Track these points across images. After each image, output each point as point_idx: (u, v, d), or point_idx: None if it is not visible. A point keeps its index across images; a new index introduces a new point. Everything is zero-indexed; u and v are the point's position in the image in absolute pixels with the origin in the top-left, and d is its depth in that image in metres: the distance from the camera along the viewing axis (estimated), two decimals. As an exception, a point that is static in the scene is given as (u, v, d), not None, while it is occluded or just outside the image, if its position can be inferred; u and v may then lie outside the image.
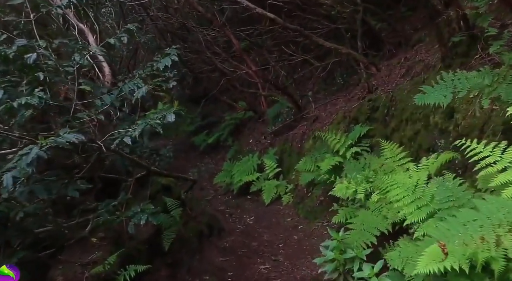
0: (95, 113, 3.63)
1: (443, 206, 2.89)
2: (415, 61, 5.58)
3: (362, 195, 4.15)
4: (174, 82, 4.70)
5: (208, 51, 9.16)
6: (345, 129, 6.02)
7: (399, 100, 5.06)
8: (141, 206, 3.47)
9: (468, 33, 4.39)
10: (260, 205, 7.21)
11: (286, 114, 8.36)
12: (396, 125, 5.00)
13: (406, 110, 4.83)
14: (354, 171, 4.78)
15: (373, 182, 4.33)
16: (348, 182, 4.45)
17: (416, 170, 3.90)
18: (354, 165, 5.01)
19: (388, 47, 6.86)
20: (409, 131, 4.70)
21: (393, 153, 4.53)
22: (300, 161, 6.21)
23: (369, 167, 4.73)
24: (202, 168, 6.11)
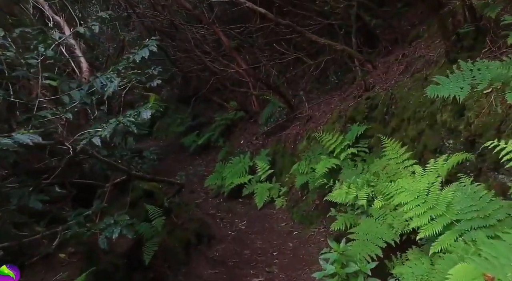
0: (62, 111, 3.07)
1: (464, 217, 2.41)
2: (414, 57, 5.14)
3: (364, 201, 3.67)
4: (158, 80, 4.19)
5: (198, 49, 8.62)
6: (341, 129, 5.55)
7: (399, 98, 4.59)
8: (115, 217, 2.93)
9: (475, 24, 3.94)
10: (253, 208, 6.70)
11: (279, 114, 7.87)
12: (397, 124, 4.54)
13: (407, 109, 4.37)
14: (353, 175, 4.30)
15: (375, 187, 3.86)
16: (347, 186, 3.96)
17: (423, 173, 3.43)
18: (353, 168, 4.53)
19: (384, 44, 6.41)
20: (411, 131, 4.23)
21: (396, 154, 4.06)
22: (294, 165, 5.70)
23: (369, 170, 4.25)
24: (190, 171, 5.58)
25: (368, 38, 6.61)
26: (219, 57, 8.70)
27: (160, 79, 4.25)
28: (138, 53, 3.22)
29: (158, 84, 4.23)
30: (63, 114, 3.12)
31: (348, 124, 5.41)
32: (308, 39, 8.17)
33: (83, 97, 3.08)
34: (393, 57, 5.79)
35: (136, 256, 3.57)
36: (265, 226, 5.95)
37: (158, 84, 4.16)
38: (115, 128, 2.74)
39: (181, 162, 10.63)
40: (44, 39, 3.13)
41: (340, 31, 6.67)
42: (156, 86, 4.12)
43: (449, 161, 3.19)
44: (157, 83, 4.20)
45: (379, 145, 4.83)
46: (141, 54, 3.19)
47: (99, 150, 3.84)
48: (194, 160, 10.44)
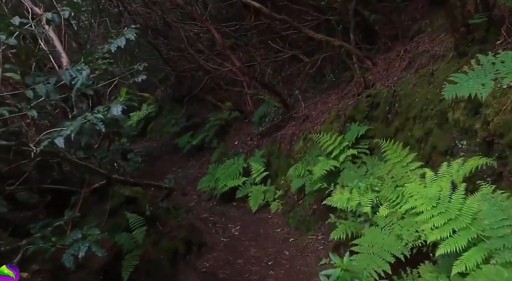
0: (26, 108, 2.60)
1: (494, 234, 1.97)
2: (417, 53, 4.71)
3: (368, 208, 3.22)
4: (143, 75, 3.73)
5: (191, 48, 8.14)
6: (339, 129, 5.10)
7: (403, 96, 4.16)
8: (84, 230, 2.46)
9: (488, 14, 3.52)
10: (247, 212, 6.24)
11: (274, 113, 7.41)
12: (401, 123, 4.10)
13: (413, 107, 3.94)
14: (354, 178, 3.86)
15: (379, 192, 3.41)
16: (349, 191, 3.51)
17: (435, 178, 2.99)
18: (354, 171, 4.09)
19: (383, 40, 5.98)
20: (418, 131, 3.79)
21: (399, 157, 3.63)
22: (290, 169, 5.24)
23: (372, 173, 3.81)
24: (180, 174, 5.11)
25: (367, 34, 6.18)
26: (213, 56, 8.24)
27: (146, 75, 3.81)
28: (114, 42, 2.73)
29: (152, 82, 3.74)
30: (28, 111, 2.64)
31: (347, 124, 4.97)
32: (304, 37, 7.76)
33: (50, 91, 2.60)
34: (393, 53, 5.37)
35: (115, 271, 3.10)
36: (259, 232, 5.49)
37: (153, 84, 3.75)
38: (82, 126, 2.27)
39: (175, 163, 10.15)
40: (5, 26, 2.65)
41: (337, 27, 6.24)
42: (150, 86, 3.70)
43: (466, 165, 2.75)
44: (142, 78, 3.75)
45: (381, 146, 4.41)
46: (116, 43, 2.72)
47: (75, 151, 3.37)
48: (188, 161, 9.96)
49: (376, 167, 3.86)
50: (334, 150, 4.68)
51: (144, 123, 12.37)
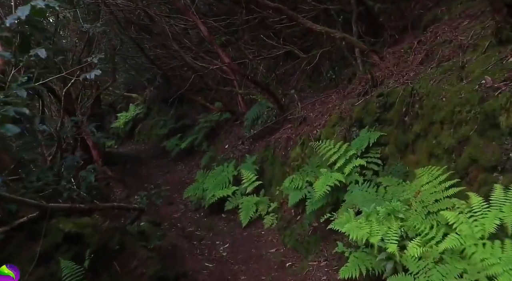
0: None
1: None
2: (436, 44, 3.80)
3: (395, 248, 2.28)
4: (98, 71, 2.77)
5: (177, 44, 7.15)
6: (344, 134, 4.18)
7: (425, 94, 3.24)
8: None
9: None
10: (237, 226, 5.31)
11: (267, 115, 6.46)
12: (423, 129, 3.18)
13: (439, 108, 3.02)
14: (368, 199, 2.94)
15: (406, 221, 2.49)
16: (365, 219, 2.59)
17: (485, 206, 2.08)
18: (366, 190, 3.17)
19: (390, 32, 5.06)
20: (447, 138, 2.88)
21: (428, 173, 2.72)
22: (286, 180, 4.31)
23: (392, 193, 2.88)
24: (153, 192, 4.07)
25: (371, 26, 5.26)
26: (201, 53, 7.26)
27: (101, 70, 2.86)
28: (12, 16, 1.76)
29: (141, 83, 2.79)
30: None
31: (353, 128, 4.05)
32: (300, 31, 6.83)
33: None
34: (403, 46, 4.45)
35: None
36: (251, 252, 4.55)
37: (142, 84, 2.85)
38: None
39: (163, 167, 9.18)
40: None
41: (338, 19, 5.32)
42: (138, 86, 2.74)
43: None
44: (96, 74, 2.79)
45: (396, 155, 3.49)
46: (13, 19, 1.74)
47: None
48: (176, 165, 8.99)
49: (396, 186, 2.94)
50: (339, 160, 3.75)
51: (131, 124, 11.37)
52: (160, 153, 9.86)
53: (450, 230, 2.26)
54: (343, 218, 3.02)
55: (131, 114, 11.34)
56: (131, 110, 11.44)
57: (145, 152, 10.54)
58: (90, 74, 2.68)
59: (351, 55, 5.38)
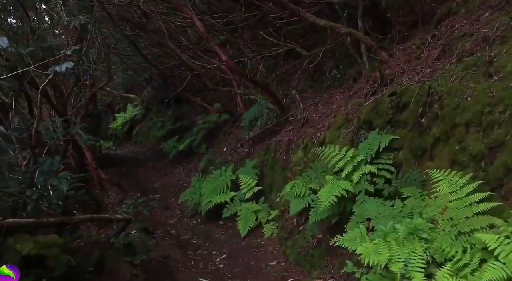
0: None
1: None
2: (454, 38, 3.36)
3: (421, 276, 1.84)
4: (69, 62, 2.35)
5: (173, 42, 6.72)
6: (350, 137, 3.75)
7: (446, 93, 2.81)
8: None
9: None
10: (235, 235, 4.87)
11: (267, 116, 6.03)
12: (443, 132, 2.75)
13: (464, 108, 2.59)
14: (384, 215, 2.50)
15: (431, 242, 2.05)
16: (382, 238, 2.15)
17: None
18: (382, 203, 2.73)
19: (398, 28, 4.63)
20: (475, 143, 2.44)
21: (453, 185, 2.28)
22: (287, 186, 3.87)
23: (410, 207, 2.44)
24: (140, 201, 3.60)
25: (377, 22, 4.83)
26: (198, 51, 6.83)
27: (73, 62, 2.44)
28: None
29: (139, 83, 2.34)
30: None
31: (361, 131, 3.62)
32: (300, 29, 6.41)
33: None
34: (416, 41, 4.01)
35: None
36: (250, 265, 4.12)
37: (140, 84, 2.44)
38: None
39: (160, 170, 8.75)
40: None
41: (343, 14, 4.88)
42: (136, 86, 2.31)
43: None
44: (67, 66, 2.36)
45: (411, 162, 3.05)
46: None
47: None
48: (174, 168, 8.56)
49: (416, 199, 2.50)
50: (346, 166, 3.32)
51: (129, 125, 10.94)
52: (158, 155, 9.44)
53: (488, 255, 1.82)
54: (353, 234, 2.59)
55: (129, 115, 10.92)
56: (129, 111, 11.01)
57: (143, 154, 10.11)
58: (61, 67, 2.26)
59: (357, 53, 4.95)
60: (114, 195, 7.41)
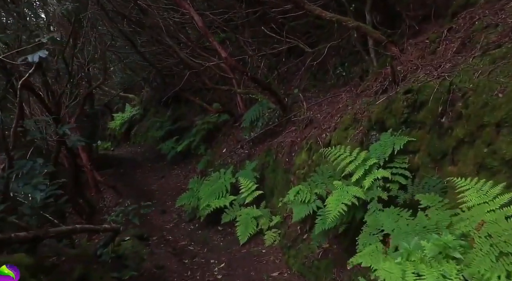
0: None
1: None
2: (476, 29, 3.02)
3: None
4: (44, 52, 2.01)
5: (171, 39, 6.39)
6: (360, 138, 3.40)
7: (471, 89, 2.46)
8: None
9: None
10: (235, 242, 4.53)
11: (268, 116, 5.69)
12: (468, 133, 2.40)
13: (493, 106, 2.24)
14: (403, 229, 2.15)
15: (468, 265, 1.70)
16: (407, 258, 1.80)
17: None
18: (398, 214, 2.38)
19: (408, 23, 4.29)
20: (509, 146, 2.10)
21: (483, 195, 1.94)
22: (290, 191, 3.53)
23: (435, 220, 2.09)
24: (130, 208, 3.20)
25: (386, 16, 4.50)
26: (196, 49, 6.49)
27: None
28: None
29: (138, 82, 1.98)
30: None
31: (373, 132, 3.27)
32: (303, 25, 6.07)
33: None
34: (430, 35, 3.67)
35: None
36: (250, 276, 3.77)
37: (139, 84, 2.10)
38: None
39: (158, 171, 8.40)
40: None
41: (349, 7, 4.54)
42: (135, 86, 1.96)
43: None
44: (41, 56, 2.02)
45: (430, 166, 2.71)
46: None
47: None
48: (172, 169, 8.22)
49: (440, 209, 2.15)
50: (357, 170, 2.97)
51: (127, 126, 10.58)
52: (156, 156, 9.09)
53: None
54: (368, 249, 2.25)
55: (127, 115, 10.58)
56: (127, 111, 10.67)
57: (141, 155, 9.77)
58: (33, 56, 1.93)
59: (363, 49, 4.61)
60: (110, 198, 7.07)
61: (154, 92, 10.26)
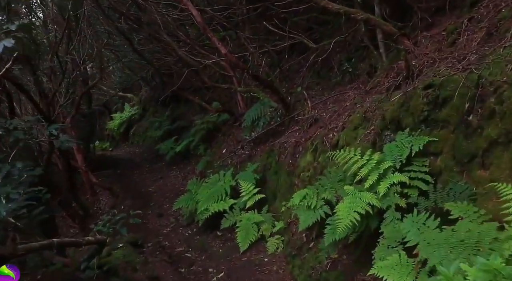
0: None
1: None
2: (503, 18, 2.67)
3: None
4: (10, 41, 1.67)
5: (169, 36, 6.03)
6: (372, 139, 3.05)
7: (504, 83, 2.11)
8: None
9: None
10: (235, 249, 4.17)
11: (270, 115, 5.33)
12: (501, 132, 2.06)
13: (536, 102, 1.88)
14: (435, 242, 1.80)
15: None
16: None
17: None
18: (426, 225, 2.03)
19: (420, 15, 3.94)
20: (557, 149, 1.74)
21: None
22: (295, 196, 3.18)
23: (477, 235, 1.73)
24: (117, 218, 2.80)
25: (396, 8, 4.13)
26: (195, 46, 6.13)
27: None
28: None
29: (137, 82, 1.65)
30: None
31: (387, 132, 2.92)
32: (306, 20, 5.73)
33: None
34: (447, 26, 3.32)
35: None
36: (251, 287, 3.42)
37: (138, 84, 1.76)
38: None
39: (156, 172, 8.05)
40: None
41: (357, 0, 4.18)
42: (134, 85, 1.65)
43: None
44: (5, 45, 1.68)
45: (455, 170, 2.36)
46: None
47: None
48: (170, 170, 7.86)
49: (476, 222, 1.80)
50: (370, 174, 2.62)
51: (126, 126, 10.23)
52: (154, 156, 8.74)
53: None
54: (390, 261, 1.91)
55: (126, 115, 10.22)
56: (126, 111, 10.32)
57: (139, 156, 9.41)
58: None
59: (372, 44, 4.26)
60: (105, 201, 6.73)
61: (153, 91, 9.91)
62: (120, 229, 2.71)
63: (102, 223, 2.72)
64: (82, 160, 6.63)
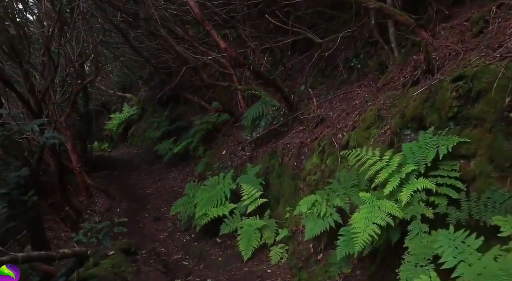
0: None
1: None
2: (540, 2, 2.29)
3: None
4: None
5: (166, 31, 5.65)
6: (388, 139, 2.67)
7: (557, 72, 1.72)
8: None
9: None
10: (235, 257, 3.78)
11: (272, 115, 4.95)
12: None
13: None
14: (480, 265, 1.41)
15: None
16: None
17: None
18: (465, 243, 1.64)
19: (435, 7, 3.57)
20: None
21: None
22: (302, 201, 2.80)
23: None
24: (100, 226, 2.42)
25: (409, 0, 3.76)
26: (195, 43, 5.75)
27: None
28: None
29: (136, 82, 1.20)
30: None
31: (407, 131, 2.54)
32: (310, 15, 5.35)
33: None
34: (471, 16, 2.95)
35: None
36: (253, 303, 3.02)
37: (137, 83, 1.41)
38: None
39: (154, 174, 7.65)
40: None
41: (366, -10, 3.80)
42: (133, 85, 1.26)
43: None
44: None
45: (493, 175, 1.98)
46: None
47: None
48: (168, 172, 7.47)
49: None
50: (391, 180, 2.23)
51: (125, 126, 9.84)
52: (153, 157, 8.35)
53: None
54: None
55: (125, 115, 9.84)
56: (125, 111, 9.94)
57: (137, 157, 9.02)
58: None
59: (381, 37, 3.88)
60: (101, 203, 6.33)
61: (152, 91, 9.53)
62: (103, 239, 2.31)
63: (82, 232, 2.33)
64: (77, 160, 6.25)
